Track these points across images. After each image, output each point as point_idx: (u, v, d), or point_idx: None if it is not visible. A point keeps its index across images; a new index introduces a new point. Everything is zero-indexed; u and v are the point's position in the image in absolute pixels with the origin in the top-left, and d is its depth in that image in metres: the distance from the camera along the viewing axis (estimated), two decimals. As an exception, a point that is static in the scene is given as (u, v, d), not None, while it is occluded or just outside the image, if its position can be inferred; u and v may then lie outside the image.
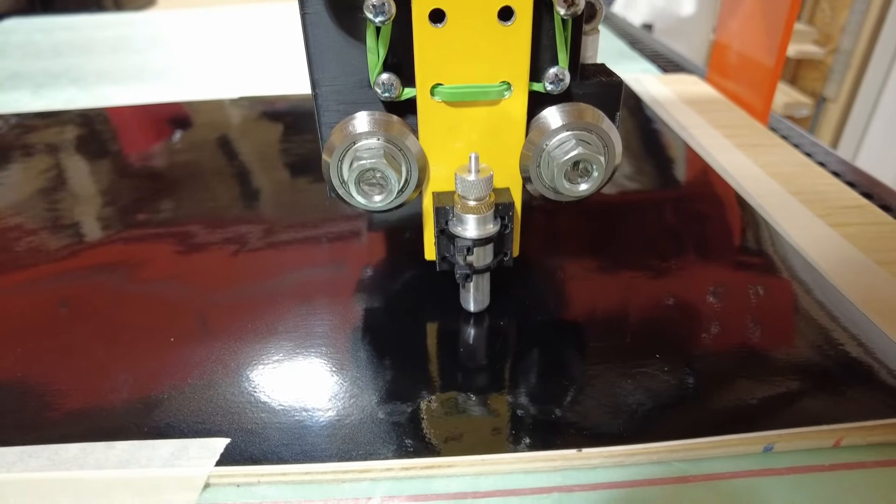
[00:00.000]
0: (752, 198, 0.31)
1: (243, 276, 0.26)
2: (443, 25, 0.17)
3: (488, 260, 0.21)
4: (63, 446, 0.18)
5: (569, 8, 0.17)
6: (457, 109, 0.19)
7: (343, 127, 0.19)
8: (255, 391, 0.20)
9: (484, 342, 0.22)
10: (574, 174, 0.20)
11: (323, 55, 0.19)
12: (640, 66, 0.55)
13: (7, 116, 0.44)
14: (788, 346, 0.21)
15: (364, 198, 0.19)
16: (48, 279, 0.26)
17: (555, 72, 0.19)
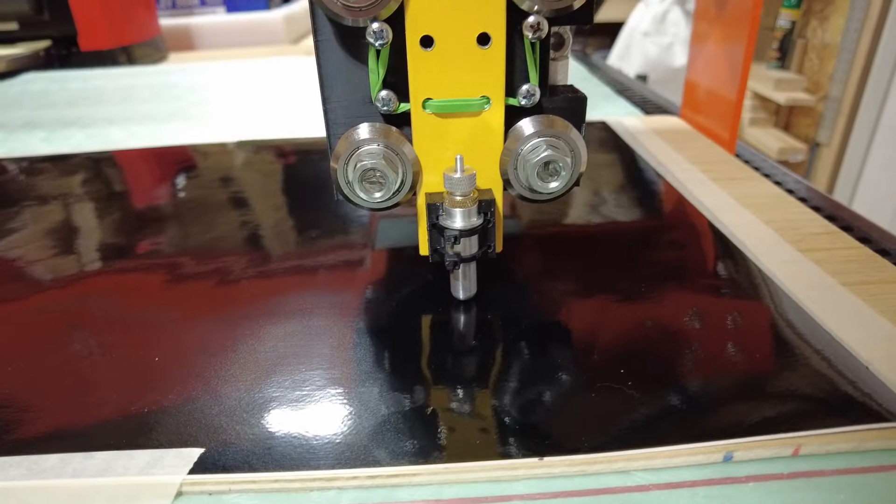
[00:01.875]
0: (725, 227, 0.32)
1: (226, 303, 0.27)
2: (431, 49, 0.21)
3: (474, 250, 0.23)
4: (42, 457, 0.19)
5: (535, 33, 0.20)
6: (445, 120, 0.22)
7: (348, 136, 0.22)
8: (232, 405, 0.21)
9: (448, 357, 0.23)
10: (545, 174, 0.22)
11: (333, 76, 0.22)
12: (626, 109, 0.57)
13: (19, 159, 0.47)
14: (751, 359, 0.22)
15: (366, 194, 0.22)
16: (42, 306, 0.27)
17: (527, 88, 0.22)
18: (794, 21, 1.39)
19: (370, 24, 0.20)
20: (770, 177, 0.39)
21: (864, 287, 0.26)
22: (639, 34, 1.49)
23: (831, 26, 1.33)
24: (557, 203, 0.36)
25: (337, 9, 0.20)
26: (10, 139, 0.53)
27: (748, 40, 0.41)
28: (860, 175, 1.31)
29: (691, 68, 0.50)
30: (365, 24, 0.20)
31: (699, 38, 0.48)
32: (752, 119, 1.50)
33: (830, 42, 1.33)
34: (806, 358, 0.22)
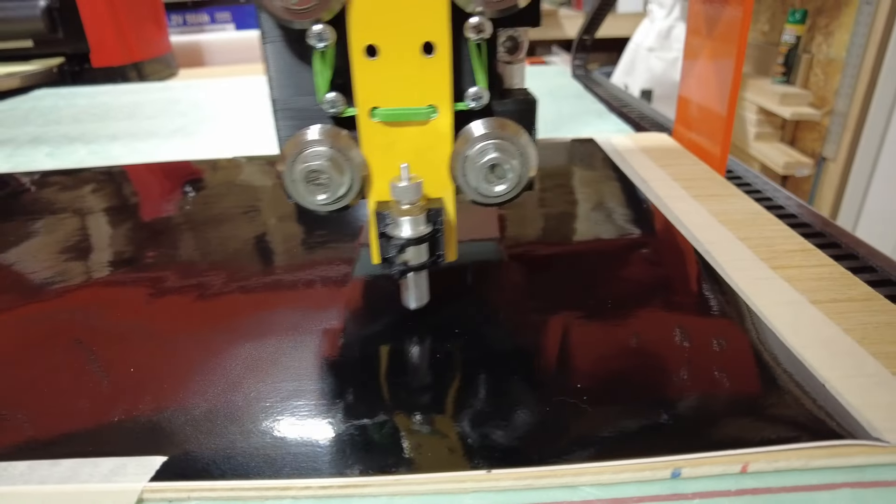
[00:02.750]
0: (700, 244, 0.32)
1: (204, 317, 0.27)
2: (376, 59, 0.21)
3: (423, 259, 0.23)
4: (12, 463, 0.20)
5: (478, 34, 0.21)
6: (393, 128, 0.22)
7: (296, 137, 0.22)
8: (197, 416, 0.21)
9: (406, 373, 0.23)
10: (492, 177, 0.23)
11: (281, 77, 0.22)
12: (617, 126, 0.57)
13: (22, 174, 0.48)
14: (708, 376, 0.22)
15: (311, 195, 0.22)
16: (24, 316, 0.28)
17: (474, 91, 0.22)
18: (798, 36, 1.39)
19: (312, 26, 0.20)
20: (761, 193, 0.40)
21: (832, 305, 0.26)
22: (644, 49, 1.50)
23: (836, 41, 1.33)
24: (530, 218, 0.36)
25: (277, 11, 0.20)
26: (16, 154, 0.55)
27: (737, 56, 0.42)
28: (867, 189, 1.30)
29: (683, 85, 0.50)
30: (307, 27, 0.20)
31: (691, 55, 0.49)
32: (757, 133, 1.49)
33: (835, 57, 1.33)
34: (763, 375, 0.22)
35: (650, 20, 1.52)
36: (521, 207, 0.38)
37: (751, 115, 1.50)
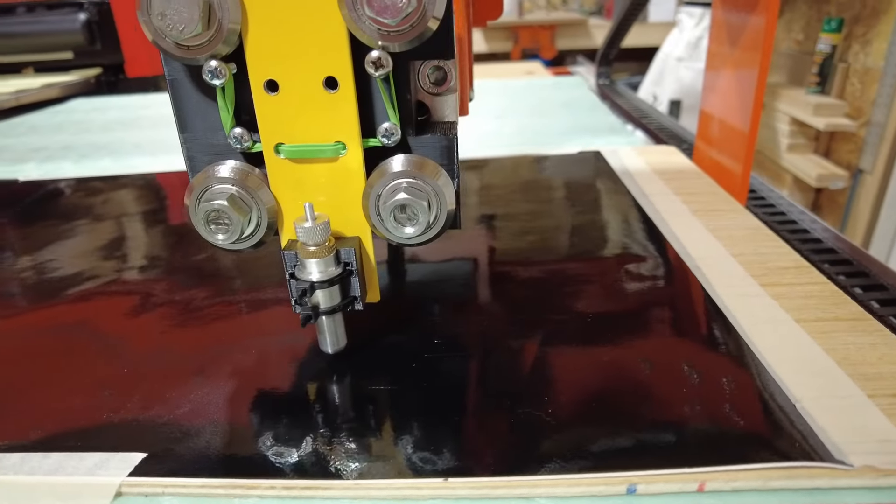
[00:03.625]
0: (692, 259, 0.32)
1: (196, 325, 0.29)
2: (277, 94, 0.20)
3: (334, 302, 0.23)
4: (7, 455, 0.21)
5: (378, 70, 0.20)
6: (300, 165, 0.22)
7: (205, 172, 0.22)
8: (179, 415, 0.22)
9: (372, 378, 0.24)
10: (403, 217, 0.22)
11: (188, 112, 0.22)
12: (627, 139, 0.57)
13: (46, 182, 0.51)
14: (676, 392, 0.22)
15: (210, 235, 0.22)
16: (31, 319, 0.30)
17: (386, 127, 0.21)
18: (834, 45, 1.36)
19: (207, 62, 0.19)
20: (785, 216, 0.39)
21: (816, 324, 0.26)
22: (673, 59, 1.49)
23: (874, 50, 1.29)
24: (520, 229, 0.37)
25: (170, 48, 0.19)
26: (46, 162, 0.58)
27: (761, 67, 0.41)
28: (905, 203, 1.25)
29: (705, 99, 0.50)
30: (202, 63, 0.19)
31: (713, 66, 0.48)
32: (790, 145, 1.46)
33: (873, 66, 1.29)
34: (733, 393, 0.22)
35: (679, 30, 1.50)
36: (513, 221, 0.38)
37: (783, 126, 1.47)
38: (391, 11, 0.18)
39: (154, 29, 0.19)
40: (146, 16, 0.19)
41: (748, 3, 0.42)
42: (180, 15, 0.18)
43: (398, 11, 0.18)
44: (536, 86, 0.91)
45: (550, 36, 2.18)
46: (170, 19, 0.18)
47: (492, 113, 0.73)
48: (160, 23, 0.19)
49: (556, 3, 2.31)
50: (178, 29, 0.19)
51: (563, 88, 0.86)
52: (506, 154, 0.53)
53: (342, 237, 0.23)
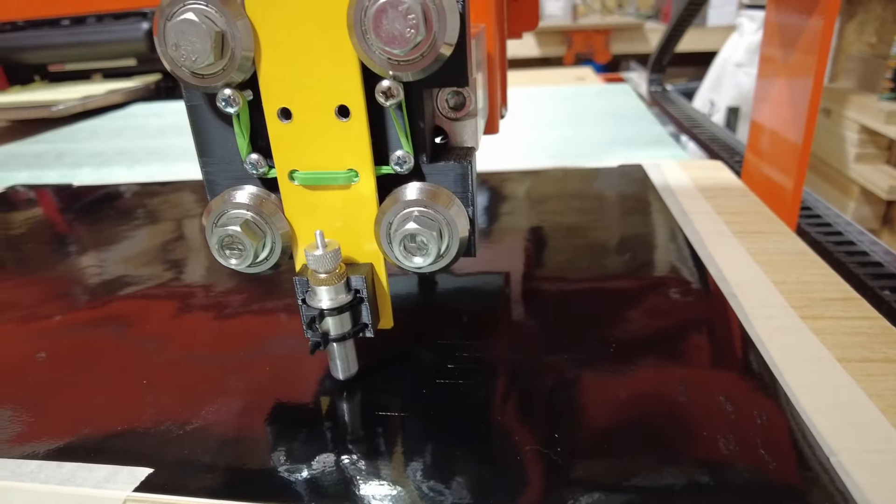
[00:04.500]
0: (728, 285, 0.30)
1: (219, 338, 0.29)
2: (290, 122, 0.21)
3: (344, 329, 0.23)
4: (25, 462, 0.22)
5: (388, 99, 0.19)
6: (314, 192, 0.22)
7: (222, 197, 0.22)
8: (189, 432, 0.22)
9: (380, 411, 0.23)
10: (413, 247, 0.21)
11: (207, 138, 0.22)
12: (672, 152, 0.55)
13: (99, 186, 0.53)
14: (696, 434, 0.21)
15: (224, 259, 0.22)
16: (64, 327, 0.31)
17: (398, 155, 0.21)
18: (911, 49, 1.27)
19: (221, 90, 0.20)
20: (842, 236, 0.36)
21: (862, 365, 0.24)
22: (731, 65, 1.43)
23: (955, 55, 1.20)
24: (548, 246, 0.36)
25: (186, 77, 0.20)
26: (102, 166, 0.60)
27: (817, 74, 0.39)
28: None
29: (756, 109, 0.47)
30: (217, 91, 0.20)
31: (765, 74, 0.46)
32: (858, 154, 1.37)
33: (954, 72, 1.20)
34: (760, 440, 0.21)
35: (739, 34, 1.44)
36: (541, 238, 0.37)
37: (852, 134, 1.39)
38: (399, 42, 0.18)
39: (170, 59, 0.19)
40: (163, 46, 0.19)
41: (805, 5, 0.40)
42: (193, 46, 0.19)
43: (406, 42, 0.18)
44: (584, 93, 0.89)
45: (605, 40, 2.14)
46: (183, 50, 0.19)
47: (533, 122, 0.72)
48: (175, 53, 0.19)
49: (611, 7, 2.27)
50: (191, 59, 0.19)
51: (611, 96, 0.84)
52: (542, 166, 0.52)
53: (355, 263, 0.23)
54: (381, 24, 0.18)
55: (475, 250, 0.23)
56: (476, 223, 0.23)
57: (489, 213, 0.42)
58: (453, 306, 0.30)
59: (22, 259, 0.39)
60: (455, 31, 0.19)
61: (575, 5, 2.15)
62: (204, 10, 0.19)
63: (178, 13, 0.19)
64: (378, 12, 0.18)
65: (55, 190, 0.54)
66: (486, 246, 0.37)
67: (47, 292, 0.34)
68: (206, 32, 0.18)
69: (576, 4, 2.15)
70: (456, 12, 0.18)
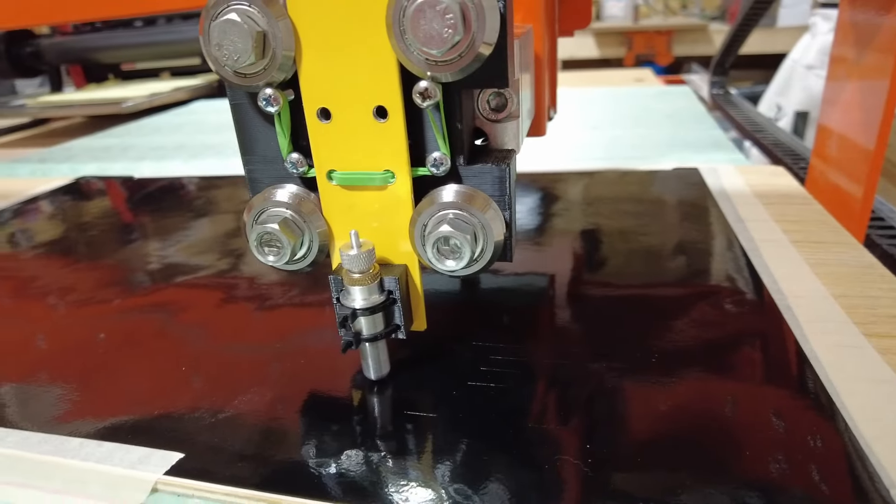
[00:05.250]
0: (784, 297, 0.28)
1: (261, 328, 0.29)
2: (329, 122, 0.21)
3: (377, 330, 0.22)
4: (69, 439, 0.23)
5: (425, 100, 0.19)
6: (351, 192, 0.22)
7: (263, 194, 0.23)
8: (221, 420, 0.23)
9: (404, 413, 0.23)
10: (446, 250, 0.21)
11: (250, 136, 0.22)
12: (731, 156, 0.52)
13: (156, 179, 0.55)
14: (739, 456, 0.19)
15: (261, 256, 0.22)
16: (117, 311, 0.32)
17: (435, 156, 0.21)
18: None
19: (263, 89, 0.20)
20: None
21: (932, 389, 0.22)
22: (801, 67, 1.36)
23: None
24: (595, 249, 0.35)
25: (228, 75, 0.20)
26: (161, 160, 0.63)
27: (893, 75, 0.36)
28: None
29: (825, 112, 0.45)
30: (259, 90, 0.20)
31: (836, 77, 0.43)
32: (942, 165, 1.28)
33: None
34: (814, 467, 0.19)
35: (811, 34, 1.37)
36: (589, 240, 0.36)
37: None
38: (437, 42, 0.18)
39: (214, 58, 0.20)
40: (207, 46, 0.20)
41: (882, 3, 0.37)
42: (235, 45, 0.19)
43: (443, 42, 0.18)
44: (641, 95, 0.86)
45: (667, 42, 2.08)
46: (226, 49, 0.19)
47: (588, 123, 0.70)
48: (217, 53, 0.19)
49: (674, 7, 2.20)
50: (233, 58, 0.19)
51: (670, 98, 0.81)
52: (594, 167, 0.50)
53: (389, 264, 0.23)
54: (418, 23, 0.18)
55: (512, 255, 0.23)
56: (514, 227, 0.22)
57: (536, 214, 0.41)
58: (493, 306, 0.30)
59: (85, 245, 0.41)
60: (494, 31, 0.18)
61: (636, 6, 2.09)
62: (246, 11, 0.19)
63: (221, 13, 0.19)
64: (416, 12, 0.18)
65: (117, 181, 0.57)
66: (530, 246, 0.36)
67: (105, 277, 0.36)
68: (247, 32, 0.19)
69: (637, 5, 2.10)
70: (496, 12, 0.18)
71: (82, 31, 1.17)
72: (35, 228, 0.46)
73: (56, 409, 0.24)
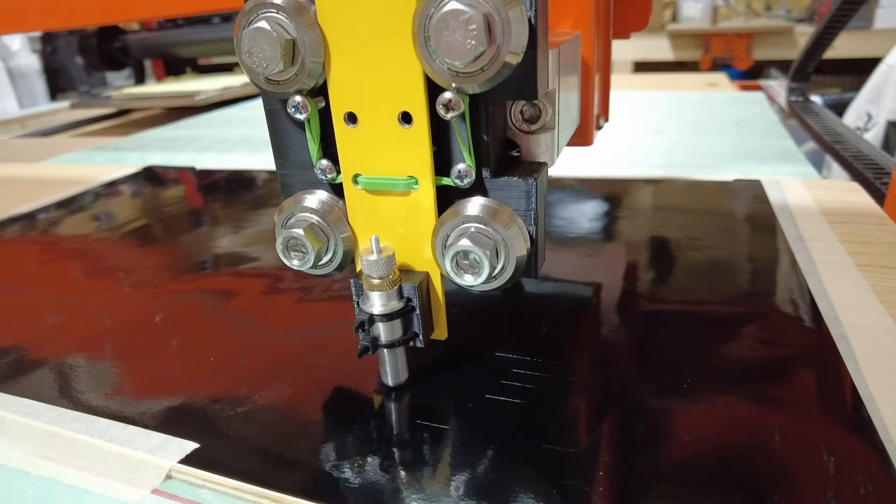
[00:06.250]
0: (842, 327, 0.26)
1: (297, 320, 0.30)
2: (356, 126, 0.21)
3: (395, 336, 0.22)
4: (98, 419, 0.24)
5: (448, 112, 0.19)
6: (376, 197, 0.22)
7: (293, 199, 0.23)
8: (238, 414, 0.23)
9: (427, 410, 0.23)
10: (466, 264, 0.20)
11: (283, 143, 0.23)
12: (800, 168, 0.49)
13: (213, 171, 0.57)
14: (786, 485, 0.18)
15: (287, 259, 0.23)
16: (166, 295, 0.33)
17: (460, 168, 0.20)
18: None
19: (293, 96, 0.20)
20: None
21: None
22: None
23: None
24: (636, 263, 0.33)
25: (261, 82, 0.20)
26: (224, 152, 0.65)
27: None
28: None
29: None
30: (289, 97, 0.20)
31: None
32: None
33: None
34: (849, 514, 0.17)
35: (911, 38, 1.26)
36: (632, 252, 0.35)
37: None
38: (460, 53, 0.17)
39: (245, 65, 0.20)
40: (239, 53, 0.20)
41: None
42: (264, 53, 0.19)
43: (466, 53, 0.17)
44: (711, 100, 0.82)
45: (747, 45, 1.97)
46: (256, 56, 0.19)
47: (649, 128, 0.68)
48: (248, 60, 0.20)
49: (757, 8, 2.09)
50: (262, 66, 0.20)
51: (741, 104, 0.77)
52: (648, 175, 0.48)
53: (411, 271, 0.23)
54: (441, 34, 0.17)
55: (537, 272, 0.22)
56: (540, 243, 0.22)
57: (579, 220, 0.40)
58: (523, 315, 0.29)
59: (142, 230, 0.43)
60: (522, 42, 0.18)
61: (716, 7, 2.00)
62: (276, 19, 0.19)
63: (253, 21, 0.19)
64: (439, 22, 0.17)
65: (180, 171, 0.59)
66: (570, 255, 0.35)
67: (158, 262, 0.38)
68: (276, 40, 0.19)
69: (717, 6, 2.01)
70: (523, 23, 0.18)
71: (165, 27, 1.23)
72: (101, 213, 0.49)
73: (91, 388, 0.26)
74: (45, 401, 0.25)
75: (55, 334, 0.30)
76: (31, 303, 0.34)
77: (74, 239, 0.43)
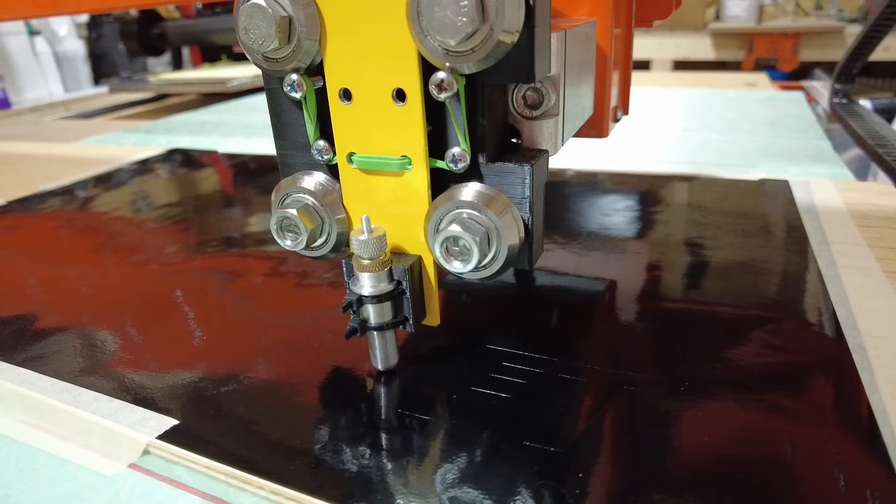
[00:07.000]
0: (860, 337, 0.24)
1: (294, 304, 0.30)
2: (351, 103, 0.20)
3: (385, 319, 0.22)
4: (85, 391, 0.24)
5: (441, 92, 0.18)
6: (369, 176, 0.21)
7: (290, 179, 0.23)
8: (220, 394, 0.23)
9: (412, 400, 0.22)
10: (455, 250, 0.20)
11: (282, 122, 0.22)
12: (832, 170, 0.47)
13: (235, 156, 0.58)
14: None
15: (280, 238, 0.22)
16: (166, 274, 0.34)
17: (454, 152, 0.20)
18: None
19: (289, 74, 0.20)
20: None
21: None
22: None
23: None
24: (650, 261, 0.32)
25: (258, 60, 0.20)
26: (249, 137, 0.66)
27: None
28: None
29: None
30: (286, 75, 0.20)
31: None
32: None
33: None
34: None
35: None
36: (645, 251, 0.33)
37: None
38: (451, 30, 0.17)
39: (243, 42, 0.20)
40: (237, 30, 0.20)
41: None
42: (260, 30, 0.19)
43: (457, 31, 0.17)
44: (747, 99, 0.79)
45: (793, 45, 1.90)
46: (252, 34, 0.19)
47: (679, 125, 0.66)
48: (245, 37, 0.20)
49: (806, 7, 2.01)
50: (258, 43, 0.19)
51: (777, 104, 0.74)
52: (671, 171, 0.47)
53: (403, 254, 0.22)
54: (432, 11, 0.17)
55: (532, 263, 0.21)
56: (535, 233, 0.21)
57: (593, 215, 0.38)
58: (521, 307, 0.28)
59: (157, 209, 0.44)
60: (517, 21, 0.17)
61: (762, 6, 1.93)
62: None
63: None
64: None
65: (202, 154, 0.60)
66: (580, 249, 0.34)
67: (168, 240, 0.38)
68: (271, 17, 0.19)
69: (763, 5, 1.94)
70: (519, 2, 0.17)
71: (203, 14, 1.25)
72: (121, 192, 0.49)
73: (86, 359, 0.26)
74: (38, 370, 0.25)
75: (59, 306, 0.31)
76: (40, 275, 0.34)
77: (89, 216, 0.44)
